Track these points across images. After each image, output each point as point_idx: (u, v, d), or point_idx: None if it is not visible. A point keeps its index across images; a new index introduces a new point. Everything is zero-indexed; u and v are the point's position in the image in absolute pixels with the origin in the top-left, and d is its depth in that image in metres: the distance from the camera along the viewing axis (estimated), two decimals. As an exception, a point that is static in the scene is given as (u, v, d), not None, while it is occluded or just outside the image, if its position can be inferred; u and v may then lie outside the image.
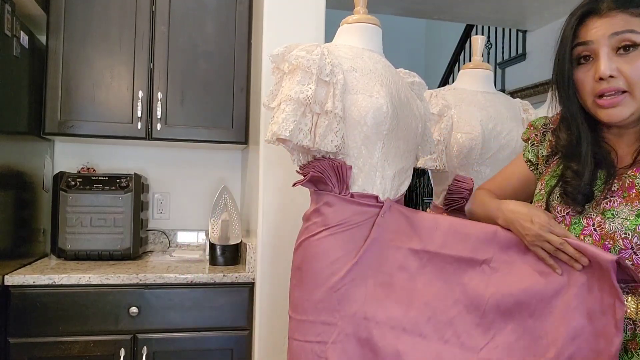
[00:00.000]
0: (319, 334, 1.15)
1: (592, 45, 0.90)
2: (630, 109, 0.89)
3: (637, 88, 0.88)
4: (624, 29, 0.86)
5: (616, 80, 0.88)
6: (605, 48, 0.89)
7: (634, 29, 0.86)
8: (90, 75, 2.07)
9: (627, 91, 0.88)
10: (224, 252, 2.03)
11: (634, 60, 0.87)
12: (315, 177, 1.18)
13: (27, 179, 1.96)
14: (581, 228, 0.97)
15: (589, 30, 0.91)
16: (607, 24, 0.88)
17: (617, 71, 0.88)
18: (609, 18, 0.88)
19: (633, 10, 0.87)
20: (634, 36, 0.86)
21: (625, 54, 0.87)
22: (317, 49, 1.16)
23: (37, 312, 1.73)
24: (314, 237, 1.19)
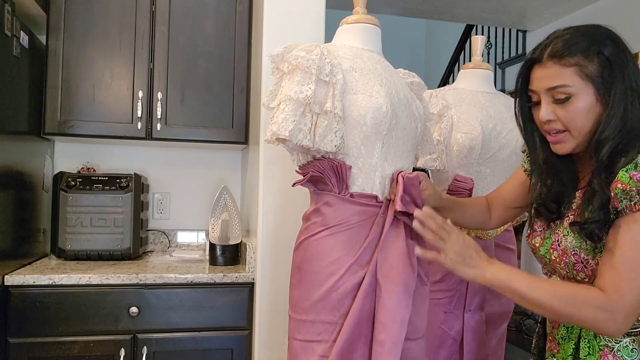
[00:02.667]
0: (319, 333, 1.15)
1: (536, 93, 1.03)
2: (571, 144, 1.02)
3: (573, 129, 1.00)
4: (557, 84, 0.98)
5: (555, 122, 1.01)
6: (545, 97, 1.01)
7: (565, 84, 0.98)
8: (90, 75, 2.07)
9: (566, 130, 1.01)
10: (224, 252, 2.03)
11: (567, 107, 0.99)
12: (314, 177, 1.18)
13: (27, 179, 1.96)
14: (550, 242, 1.07)
15: (533, 80, 1.04)
16: (544, 77, 1.01)
17: (555, 116, 1.00)
18: (546, 69, 1.01)
19: (566, 61, 0.98)
20: (566, 89, 0.98)
21: (561, 102, 0.99)
22: (316, 49, 1.17)
23: (37, 312, 1.73)
24: (313, 237, 1.19)
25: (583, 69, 0.97)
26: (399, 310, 1.12)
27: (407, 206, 1.16)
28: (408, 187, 1.17)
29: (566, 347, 1.05)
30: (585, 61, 0.97)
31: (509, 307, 1.75)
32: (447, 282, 1.63)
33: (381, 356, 1.11)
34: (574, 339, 1.03)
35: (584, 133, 1.00)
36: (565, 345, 1.05)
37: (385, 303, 1.12)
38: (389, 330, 1.11)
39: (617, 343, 0.99)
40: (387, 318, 1.12)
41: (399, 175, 1.18)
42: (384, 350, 1.11)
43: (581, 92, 0.97)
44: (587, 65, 0.97)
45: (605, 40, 0.99)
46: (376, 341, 1.12)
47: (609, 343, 0.99)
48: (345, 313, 1.14)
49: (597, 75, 0.97)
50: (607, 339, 0.99)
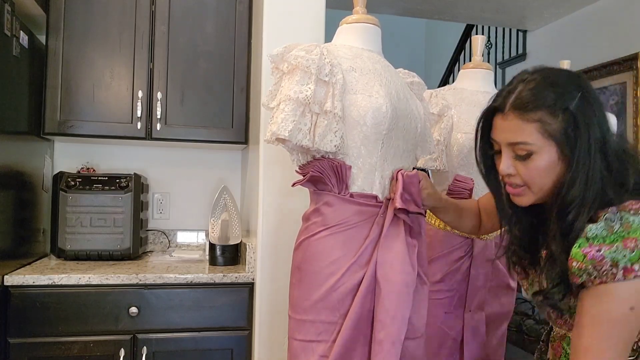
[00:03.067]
0: (319, 333, 1.15)
1: (497, 143, 1.00)
2: (530, 198, 0.99)
3: (533, 185, 0.96)
4: (518, 140, 0.94)
5: (515, 177, 0.98)
6: (505, 150, 0.98)
7: (526, 141, 0.93)
8: (90, 75, 2.07)
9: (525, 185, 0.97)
10: (224, 252, 2.03)
11: (528, 164, 0.95)
12: (314, 177, 1.18)
13: (26, 179, 1.96)
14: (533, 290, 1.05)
15: (494, 129, 1.00)
16: (505, 130, 0.96)
17: (515, 170, 0.97)
18: (507, 122, 0.95)
19: (528, 116, 0.92)
20: (527, 146, 0.93)
21: (522, 159, 0.95)
22: (316, 48, 1.16)
23: (37, 312, 1.73)
24: (313, 237, 1.19)
25: (546, 126, 0.92)
26: (398, 309, 1.12)
27: (407, 204, 1.16)
28: (408, 185, 1.17)
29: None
30: (549, 117, 0.92)
31: (510, 307, 1.75)
32: (448, 282, 1.63)
33: (380, 355, 1.11)
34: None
35: (544, 190, 0.96)
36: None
37: (384, 302, 1.12)
38: (387, 329, 1.11)
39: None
40: (386, 317, 1.12)
41: (399, 173, 1.19)
42: (383, 349, 1.11)
43: (543, 149, 0.93)
44: (551, 122, 0.91)
45: (573, 93, 0.92)
46: (375, 340, 1.12)
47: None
48: (345, 313, 1.14)
49: (560, 133, 0.91)
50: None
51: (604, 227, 0.88)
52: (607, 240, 0.87)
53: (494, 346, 1.71)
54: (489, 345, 1.69)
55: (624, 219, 0.88)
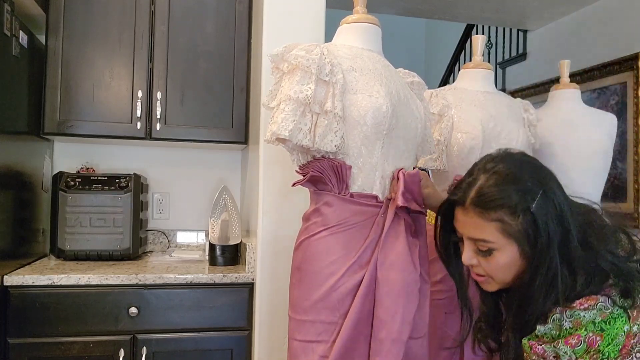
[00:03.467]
0: (319, 333, 1.15)
1: (459, 232, 1.01)
2: (494, 287, 1.00)
3: (495, 277, 0.98)
4: (478, 237, 0.95)
5: (477, 267, 0.99)
6: (467, 242, 0.99)
7: (487, 239, 0.93)
8: (89, 75, 2.06)
9: (488, 276, 0.99)
10: (224, 253, 2.02)
11: (489, 259, 0.96)
12: (314, 177, 1.18)
13: (26, 179, 1.96)
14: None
15: (456, 220, 1.00)
16: (466, 224, 0.97)
17: (477, 262, 0.98)
18: (468, 217, 0.96)
19: (489, 215, 0.92)
20: (486, 244, 0.94)
21: (483, 254, 0.96)
22: (316, 48, 1.16)
23: (37, 312, 1.73)
24: (313, 237, 1.19)
25: (506, 226, 0.92)
26: (399, 308, 1.12)
27: (408, 203, 1.16)
28: (409, 184, 1.17)
29: None
30: (510, 218, 0.91)
31: (510, 307, 1.75)
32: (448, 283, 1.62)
33: (381, 354, 1.10)
34: None
35: (507, 282, 0.98)
36: None
37: (385, 301, 1.12)
38: (388, 328, 1.11)
39: None
40: (386, 316, 1.11)
41: (400, 172, 1.19)
42: (384, 348, 1.10)
43: (504, 247, 0.93)
44: (511, 222, 0.91)
45: (535, 191, 0.92)
46: (376, 339, 1.12)
47: None
48: (345, 313, 1.14)
49: (520, 233, 0.92)
50: None
51: (551, 327, 0.90)
52: (554, 337, 0.89)
53: (494, 346, 1.71)
54: (489, 346, 1.69)
55: (574, 316, 0.89)
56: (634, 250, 0.96)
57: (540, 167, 0.98)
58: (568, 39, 3.41)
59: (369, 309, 1.14)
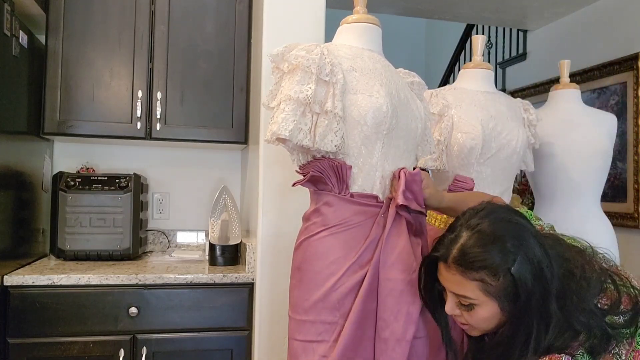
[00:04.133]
0: (319, 333, 1.15)
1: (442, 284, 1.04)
2: (477, 333, 1.04)
3: (477, 327, 1.02)
4: (461, 293, 0.98)
5: (460, 317, 1.03)
6: (449, 294, 1.02)
7: (468, 296, 0.97)
8: (89, 75, 2.06)
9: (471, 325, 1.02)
10: (224, 253, 2.02)
11: (471, 313, 1.00)
12: (315, 177, 1.18)
13: (26, 179, 1.96)
14: None
15: (440, 273, 1.03)
16: (449, 280, 1.00)
17: (460, 313, 1.02)
18: (450, 274, 0.99)
19: (470, 274, 0.96)
20: (468, 300, 0.98)
21: (465, 308, 1.00)
22: (316, 48, 1.16)
23: (37, 312, 1.73)
24: (313, 237, 1.19)
25: (486, 286, 0.95)
26: (402, 307, 1.12)
27: (409, 202, 1.16)
28: (410, 183, 1.17)
29: None
30: (490, 278, 0.95)
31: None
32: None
33: (385, 354, 1.11)
34: None
35: (488, 330, 1.02)
36: None
37: (387, 300, 1.12)
38: (392, 327, 1.11)
39: None
40: (389, 315, 1.11)
41: (401, 171, 1.18)
42: (388, 347, 1.10)
43: (484, 304, 0.97)
44: (492, 282, 0.95)
45: (517, 253, 0.95)
46: (380, 339, 1.12)
47: None
48: (345, 313, 1.14)
49: (501, 292, 0.95)
50: None
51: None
52: None
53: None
54: (490, 346, 1.69)
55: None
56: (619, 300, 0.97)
57: (522, 225, 1.00)
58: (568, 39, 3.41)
59: (371, 308, 1.14)
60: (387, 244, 1.15)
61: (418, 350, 1.18)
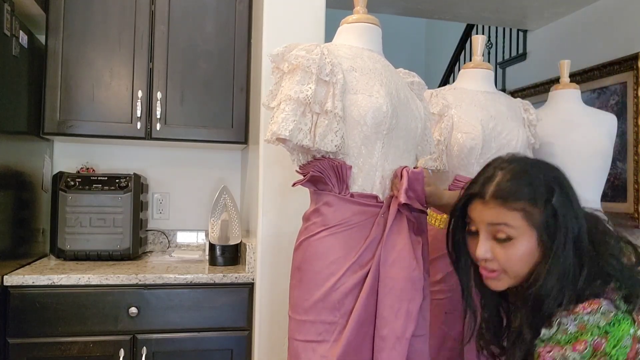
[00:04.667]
0: (320, 333, 1.15)
1: (475, 224, 1.01)
2: (505, 283, 1.00)
3: (509, 270, 0.98)
4: (499, 221, 0.96)
5: (491, 262, 0.99)
6: (484, 232, 0.99)
7: (507, 223, 0.95)
8: (89, 75, 2.06)
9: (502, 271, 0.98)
10: (224, 253, 2.02)
11: (507, 248, 0.96)
12: (315, 177, 1.18)
13: (26, 179, 1.96)
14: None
15: (473, 211, 1.02)
16: (486, 212, 0.98)
17: (493, 254, 0.98)
18: (488, 208, 0.98)
19: (511, 205, 0.95)
20: (507, 229, 0.95)
21: (502, 242, 0.97)
22: (316, 48, 1.16)
23: (36, 312, 1.73)
24: (313, 237, 1.19)
25: (528, 215, 0.95)
26: (402, 305, 1.12)
27: (411, 201, 1.16)
28: (413, 182, 1.17)
29: None
30: (531, 208, 0.94)
31: (510, 307, 1.75)
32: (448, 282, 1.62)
33: (384, 351, 1.10)
34: None
35: (520, 276, 0.98)
36: None
37: (387, 298, 1.12)
38: (391, 325, 1.11)
39: None
40: (389, 313, 1.11)
41: (404, 170, 1.18)
42: (387, 345, 1.10)
43: (523, 235, 0.95)
44: (533, 212, 0.94)
45: (553, 187, 0.96)
46: (379, 337, 1.12)
47: None
48: (345, 313, 1.14)
49: (542, 223, 0.94)
50: None
51: (556, 331, 0.91)
52: (561, 342, 0.90)
53: (494, 346, 1.71)
54: (490, 346, 1.69)
55: (578, 319, 0.89)
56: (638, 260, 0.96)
57: (554, 167, 1.01)
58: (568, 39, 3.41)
59: (373, 307, 1.14)
60: (387, 242, 1.15)
61: (417, 348, 1.18)
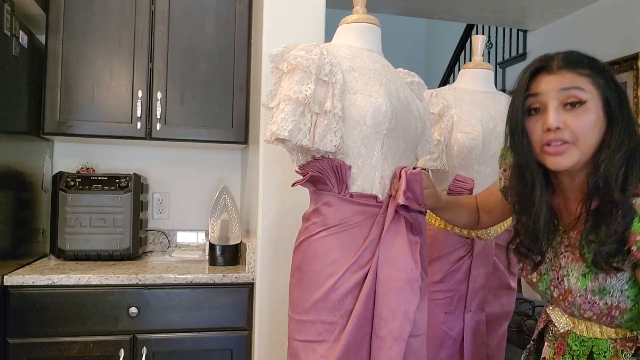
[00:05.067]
0: (320, 333, 1.15)
1: (542, 97, 0.97)
2: (574, 158, 0.96)
3: (581, 140, 0.94)
4: (571, 85, 0.94)
5: (562, 131, 0.95)
6: (554, 101, 0.95)
7: (580, 86, 0.94)
8: (89, 75, 2.07)
9: (572, 143, 0.95)
10: (224, 253, 2.02)
11: (579, 115, 0.94)
12: (314, 177, 1.18)
13: (26, 179, 1.96)
14: (549, 280, 1.05)
15: (539, 84, 0.98)
16: (556, 80, 0.96)
17: (564, 123, 0.94)
18: (558, 75, 0.96)
19: (580, 71, 0.95)
20: (580, 93, 0.94)
21: (572, 109, 0.95)
22: (316, 48, 1.16)
23: (37, 312, 1.73)
24: (313, 237, 1.19)
25: (595, 81, 0.95)
26: (400, 305, 1.11)
27: (409, 202, 1.16)
28: (411, 183, 1.17)
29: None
30: (596, 75, 0.95)
31: (510, 307, 1.75)
32: (448, 282, 1.63)
33: (382, 352, 1.10)
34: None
35: (589, 147, 0.95)
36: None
37: (385, 298, 1.12)
38: (389, 326, 1.11)
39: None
40: (387, 313, 1.11)
41: (402, 170, 1.18)
42: (385, 345, 1.10)
43: (593, 101, 0.94)
44: (598, 80, 0.95)
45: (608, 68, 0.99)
46: (377, 337, 1.12)
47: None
48: (345, 313, 1.14)
49: (606, 91, 0.95)
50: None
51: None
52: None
53: (494, 346, 1.71)
54: (489, 346, 1.69)
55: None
56: None
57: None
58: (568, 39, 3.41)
59: (372, 307, 1.14)
60: (385, 242, 1.15)
61: (415, 348, 1.18)
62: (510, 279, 1.73)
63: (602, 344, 1.01)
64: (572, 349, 1.05)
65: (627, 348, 0.98)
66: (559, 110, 0.95)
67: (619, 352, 0.99)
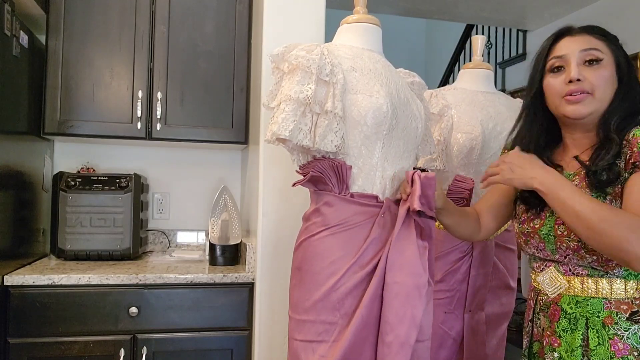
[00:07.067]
0: (319, 333, 1.15)
1: (564, 57, 1.13)
2: (591, 107, 1.10)
3: (598, 91, 1.09)
4: (590, 47, 1.11)
5: (582, 83, 1.09)
6: (574, 59, 1.11)
7: (597, 48, 1.11)
8: (89, 75, 2.07)
9: (590, 93, 1.09)
10: (224, 252, 2.03)
11: (597, 69, 1.10)
12: (315, 177, 1.18)
13: (26, 179, 1.96)
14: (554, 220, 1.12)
15: (562, 47, 1.15)
16: (577, 42, 1.13)
17: (584, 77, 1.10)
18: (578, 37, 1.13)
19: (597, 35, 1.13)
20: (598, 53, 1.11)
21: (590, 66, 1.10)
22: (316, 48, 1.16)
23: (37, 312, 1.73)
24: (313, 237, 1.19)
25: (609, 46, 1.12)
26: (407, 311, 1.11)
27: (424, 207, 1.14)
28: (425, 188, 1.15)
29: (572, 339, 1.06)
30: (609, 43, 1.12)
31: (509, 307, 1.75)
32: (448, 282, 1.63)
33: (389, 357, 1.10)
34: (581, 329, 1.06)
35: (604, 100, 1.10)
36: (569, 337, 1.07)
37: (393, 304, 1.11)
38: (396, 332, 1.10)
39: (626, 331, 1.02)
40: (394, 319, 1.10)
41: (415, 175, 1.16)
42: (392, 351, 1.10)
43: (607, 61, 1.10)
44: (611, 46, 1.12)
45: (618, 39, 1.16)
46: (383, 342, 1.11)
47: (618, 331, 1.02)
48: (345, 313, 1.14)
49: (618, 56, 1.12)
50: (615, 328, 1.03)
51: None
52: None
53: (494, 346, 1.71)
54: (489, 345, 1.69)
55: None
56: None
57: None
58: (568, 39, 3.41)
59: (377, 312, 1.14)
60: (395, 246, 1.14)
61: (420, 354, 1.18)
62: (510, 279, 1.73)
63: (596, 304, 1.05)
64: (567, 312, 1.09)
65: (622, 311, 1.03)
66: (580, 66, 1.10)
67: (614, 313, 1.04)
